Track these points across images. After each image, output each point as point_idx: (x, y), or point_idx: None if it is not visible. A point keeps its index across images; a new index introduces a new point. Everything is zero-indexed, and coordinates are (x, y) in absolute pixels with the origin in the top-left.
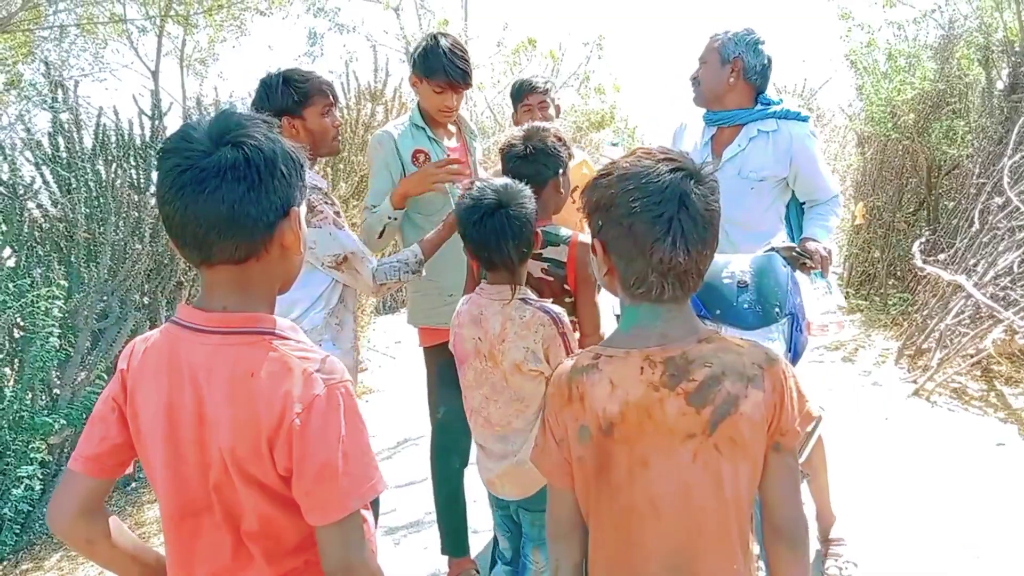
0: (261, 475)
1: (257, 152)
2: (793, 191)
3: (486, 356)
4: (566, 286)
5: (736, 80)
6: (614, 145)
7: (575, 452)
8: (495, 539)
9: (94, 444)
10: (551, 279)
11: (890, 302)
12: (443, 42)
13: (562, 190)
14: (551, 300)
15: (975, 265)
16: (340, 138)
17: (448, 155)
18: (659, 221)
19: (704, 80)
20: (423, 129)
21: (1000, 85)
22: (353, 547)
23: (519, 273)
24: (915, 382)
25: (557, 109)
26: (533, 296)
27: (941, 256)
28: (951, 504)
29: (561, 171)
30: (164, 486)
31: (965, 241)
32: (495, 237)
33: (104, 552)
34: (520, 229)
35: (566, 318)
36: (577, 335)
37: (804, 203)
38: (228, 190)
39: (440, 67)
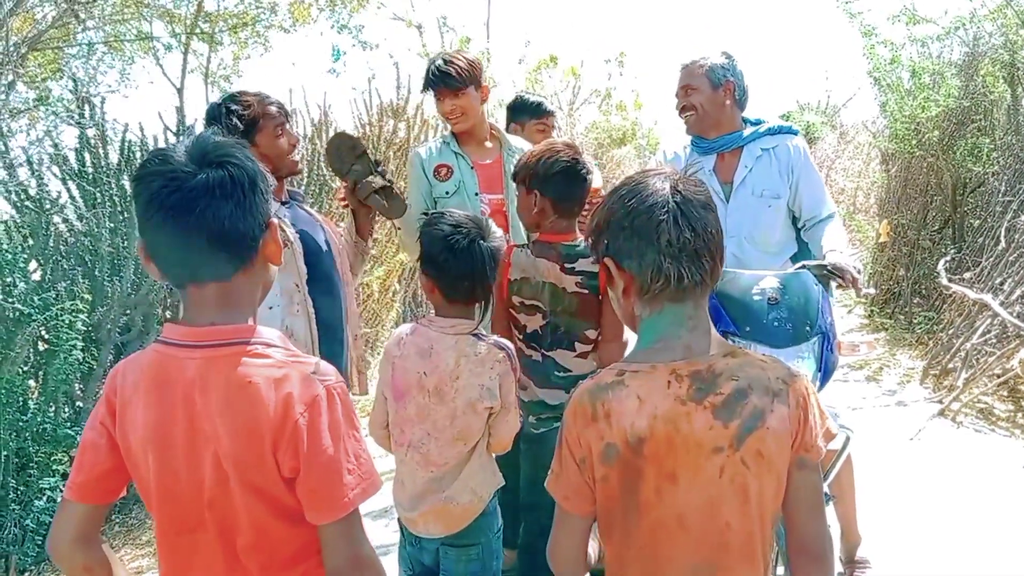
0: (263, 482)
1: (240, 171)
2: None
3: (430, 392)
4: (600, 298)
5: (731, 103)
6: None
7: (599, 472)
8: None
9: (85, 471)
10: (586, 291)
11: (915, 321)
12: (437, 60)
13: None
14: (587, 315)
15: (1001, 284)
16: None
17: (474, 168)
18: (656, 207)
19: (704, 106)
20: (448, 144)
21: None
22: (359, 542)
23: (484, 308)
24: (940, 402)
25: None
26: (484, 332)
27: (967, 275)
28: (977, 527)
29: None
30: (158, 505)
31: (991, 260)
32: (479, 268)
33: None
34: (495, 263)
35: (515, 354)
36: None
37: (803, 227)
38: (217, 208)
39: (428, 78)
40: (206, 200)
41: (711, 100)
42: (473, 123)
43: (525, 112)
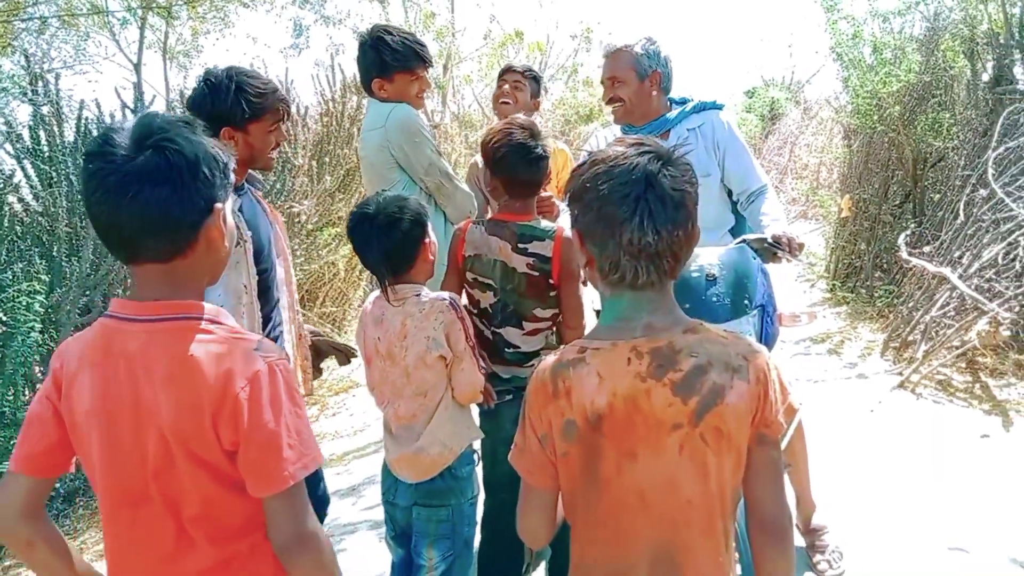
0: (205, 454)
1: (179, 155)
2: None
3: (384, 355)
4: (551, 280)
5: (657, 92)
6: None
7: (560, 448)
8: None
9: (32, 444)
10: (536, 274)
11: (876, 294)
12: (393, 34)
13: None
14: (536, 296)
15: (960, 257)
16: (285, 150)
17: None
18: (625, 202)
19: (632, 99)
20: None
21: (985, 77)
22: (302, 517)
23: (424, 270)
24: (900, 374)
25: (536, 104)
26: (427, 290)
27: (927, 248)
28: (936, 496)
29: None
30: (102, 477)
31: (950, 233)
32: (377, 256)
33: (43, 556)
34: (412, 234)
35: (460, 304)
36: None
37: (738, 201)
38: (151, 193)
39: (411, 54)
40: (138, 185)
41: (638, 92)
42: None
43: (499, 77)
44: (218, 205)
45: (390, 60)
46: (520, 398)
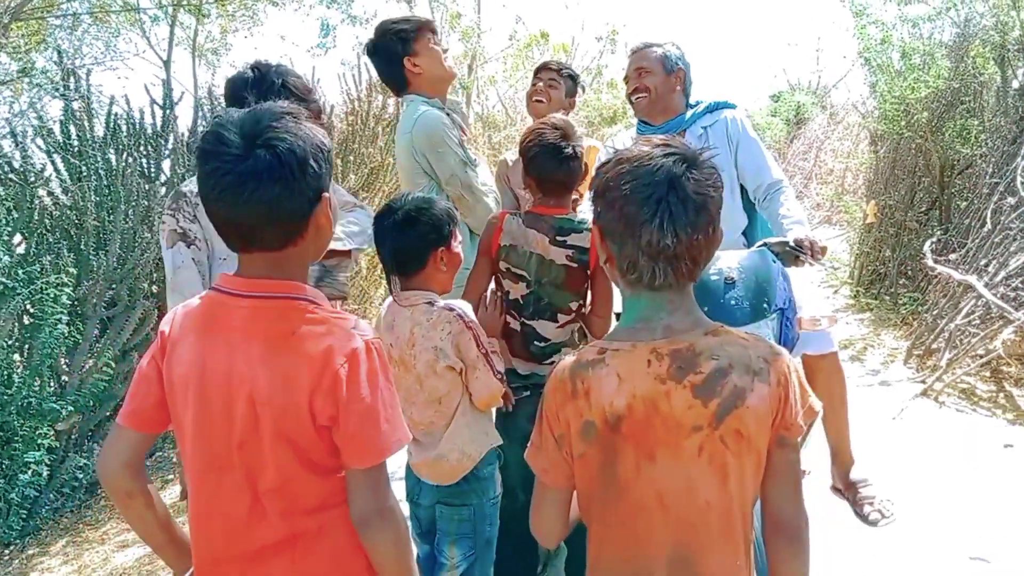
0: (293, 431)
1: (289, 153)
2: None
3: (397, 362)
4: (588, 271)
5: (680, 90)
6: None
7: (577, 449)
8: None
9: (139, 400)
10: (576, 265)
11: (900, 301)
12: (391, 19)
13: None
14: (574, 288)
15: (986, 265)
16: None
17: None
18: (647, 203)
19: (656, 88)
20: (443, 110)
21: (1015, 84)
22: (384, 492)
23: (436, 279)
24: (924, 382)
25: (571, 103)
26: (439, 299)
27: (952, 256)
28: (958, 506)
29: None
30: (191, 441)
31: (977, 241)
32: (389, 252)
33: (138, 509)
34: (425, 237)
35: (471, 313)
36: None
37: (754, 198)
38: (266, 191)
39: (416, 20)
40: (254, 183)
41: (664, 83)
42: None
43: (534, 74)
44: (325, 194)
45: (406, 27)
46: (537, 395)
